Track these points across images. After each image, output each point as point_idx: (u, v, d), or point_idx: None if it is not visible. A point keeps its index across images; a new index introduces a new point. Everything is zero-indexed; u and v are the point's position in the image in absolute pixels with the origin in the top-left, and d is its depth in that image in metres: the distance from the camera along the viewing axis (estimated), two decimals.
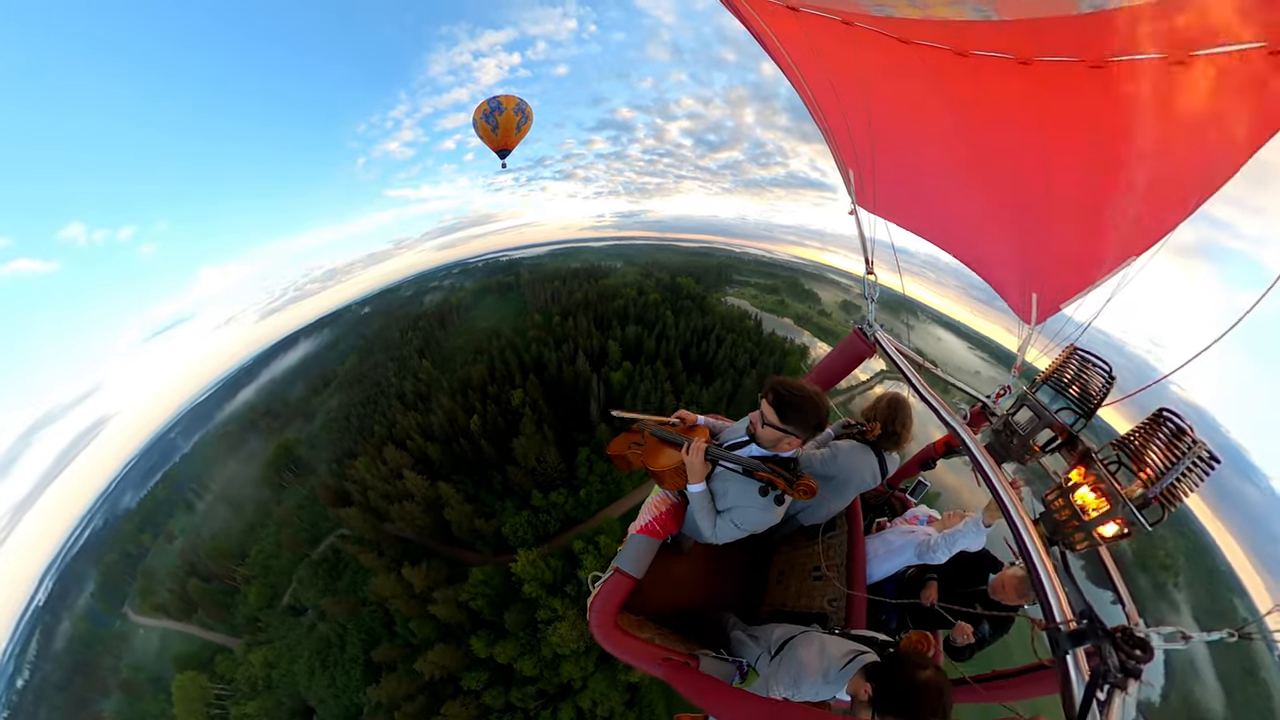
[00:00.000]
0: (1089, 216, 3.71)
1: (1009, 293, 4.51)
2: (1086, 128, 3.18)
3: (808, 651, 3.02)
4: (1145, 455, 2.10)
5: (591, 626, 3.36)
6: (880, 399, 3.96)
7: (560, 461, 61.36)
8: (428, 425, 70.01)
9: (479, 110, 26.96)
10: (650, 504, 3.72)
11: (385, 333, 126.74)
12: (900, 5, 3.20)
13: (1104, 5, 2.12)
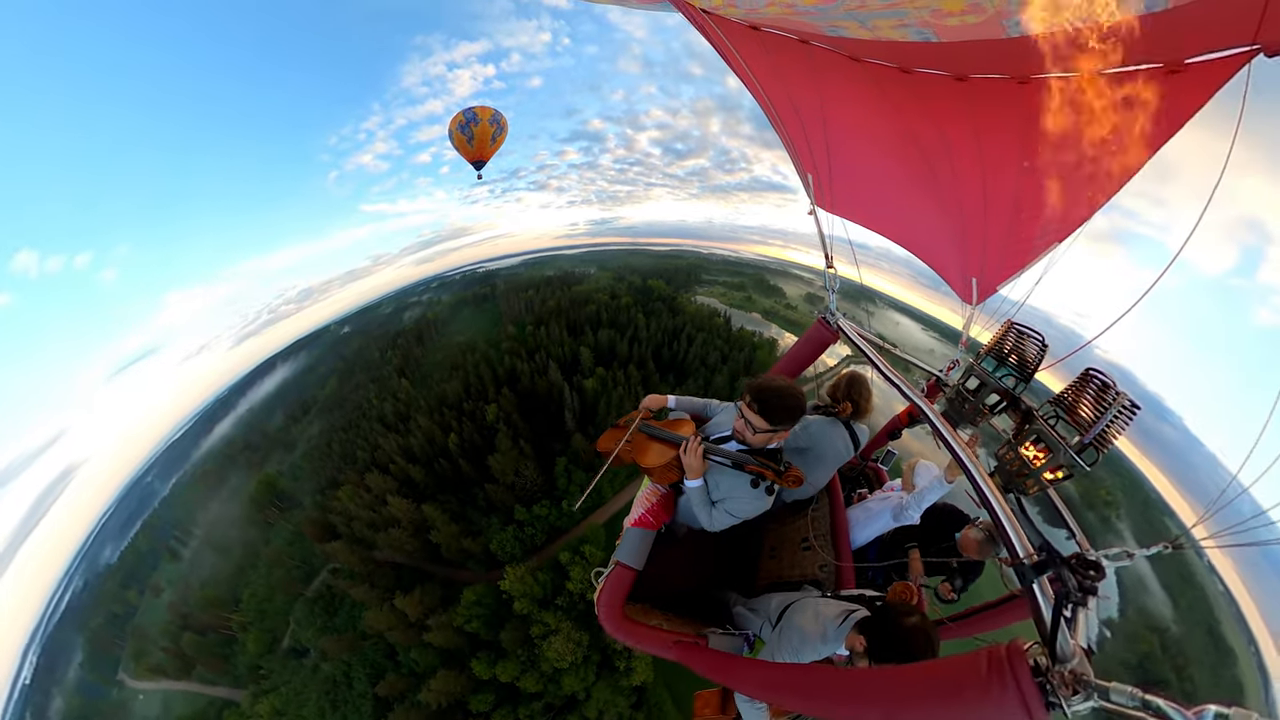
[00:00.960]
0: (1018, 209, 3.90)
1: (952, 278, 4.75)
2: (1015, 134, 3.40)
3: (804, 617, 3.06)
4: (1078, 408, 2.32)
5: (601, 620, 3.31)
6: (840, 379, 4.03)
7: (539, 474, 57.95)
8: (409, 447, 65.11)
9: (454, 121, 25.70)
10: (642, 497, 3.69)
11: (365, 353, 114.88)
12: (852, 27, 3.33)
13: (1029, 30, 2.33)
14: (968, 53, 2.90)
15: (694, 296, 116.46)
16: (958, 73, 3.23)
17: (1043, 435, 2.40)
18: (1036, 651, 1.48)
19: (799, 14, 3.40)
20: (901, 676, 1.88)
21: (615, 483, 55.54)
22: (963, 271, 4.37)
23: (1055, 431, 2.37)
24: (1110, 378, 2.29)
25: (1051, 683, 1.39)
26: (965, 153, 3.98)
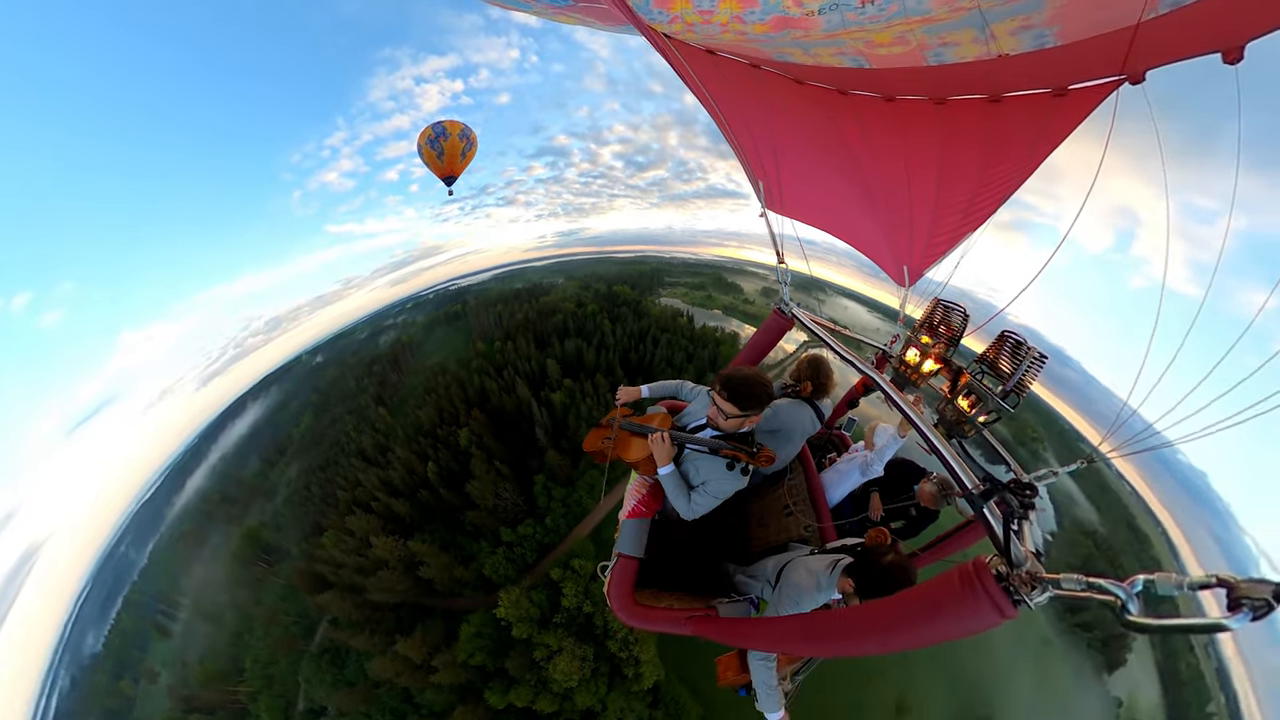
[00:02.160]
0: (938, 206, 4.22)
1: (887, 265, 5.09)
2: (934, 144, 3.74)
3: (799, 573, 3.09)
4: (999, 364, 2.63)
5: (615, 611, 3.27)
6: (802, 361, 4.13)
7: (518, 495, 53.60)
8: (389, 481, 58.74)
9: (423, 135, 23.36)
10: (632, 490, 3.63)
11: (340, 383, 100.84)
12: (796, 54, 3.56)
13: (944, 60, 2.64)
14: (894, 78, 3.21)
15: (658, 299, 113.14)
16: (886, 94, 3.53)
17: (973, 388, 2.69)
18: (996, 562, 1.60)
19: (750, 41, 3.57)
20: (890, 606, 1.93)
21: (596, 492, 52.31)
22: (896, 259, 4.70)
23: (983, 384, 2.67)
24: (1022, 336, 2.61)
25: (1013, 584, 1.52)
26: (892, 161, 4.31)
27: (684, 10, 3.19)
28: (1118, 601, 1.28)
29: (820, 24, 2.75)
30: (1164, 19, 2.08)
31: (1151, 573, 1.28)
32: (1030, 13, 2.26)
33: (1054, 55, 2.41)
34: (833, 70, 3.52)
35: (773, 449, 3.18)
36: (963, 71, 2.70)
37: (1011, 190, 3.70)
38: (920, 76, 2.98)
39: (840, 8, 2.47)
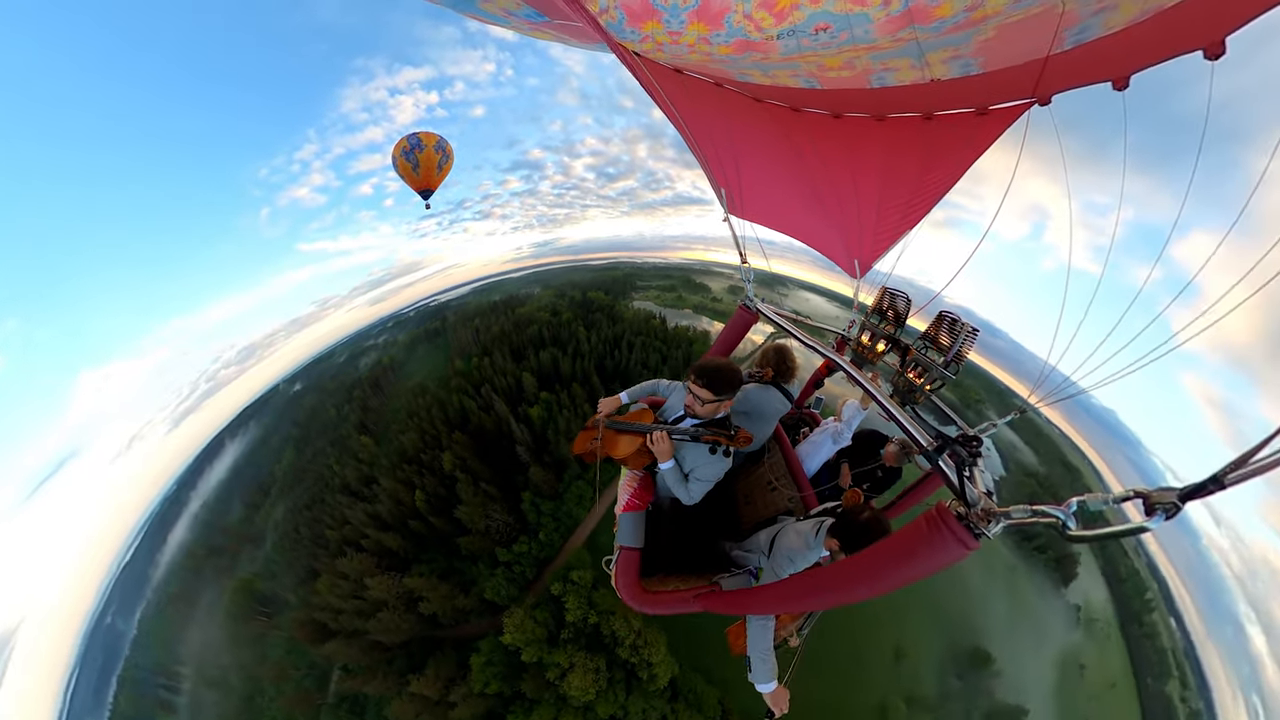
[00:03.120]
0: (881, 208, 4.49)
1: (840, 260, 5.31)
2: (877, 155, 4.00)
3: (789, 539, 3.16)
4: (939, 339, 2.89)
5: (625, 601, 3.24)
6: (767, 350, 4.18)
7: (508, 514, 50.23)
8: (377, 514, 53.61)
9: (398, 147, 21.28)
10: (623, 485, 3.58)
11: (320, 412, 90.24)
12: (756, 74, 3.71)
13: (886, 83, 2.89)
14: (842, 98, 3.45)
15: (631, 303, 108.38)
16: (834, 111, 3.78)
17: (919, 362, 2.95)
18: (955, 505, 1.70)
19: (715, 62, 3.67)
20: (872, 555, 2.01)
21: (585, 503, 50.08)
22: (847, 254, 4.97)
23: (927, 357, 2.93)
24: (957, 315, 2.87)
25: (972, 521, 1.63)
26: (841, 169, 4.54)
27: (654, 30, 3.23)
28: (1059, 522, 1.40)
29: (778, 48, 2.92)
30: (1067, 54, 2.39)
31: (1082, 495, 1.39)
32: (959, 45, 2.53)
33: (978, 81, 2.70)
34: (788, 90, 3.71)
35: (752, 430, 3.24)
36: (901, 93, 2.97)
37: (943, 193, 4.02)
38: (865, 97, 3.25)
39: (797, 34, 2.67)
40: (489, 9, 3.39)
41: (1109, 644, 56.79)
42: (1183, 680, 59.96)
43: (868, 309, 3.77)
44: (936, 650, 47.56)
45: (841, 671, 41.93)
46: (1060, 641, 54.06)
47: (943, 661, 47.36)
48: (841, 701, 41.24)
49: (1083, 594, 59.43)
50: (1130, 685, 54.77)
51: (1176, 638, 64.67)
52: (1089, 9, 2.18)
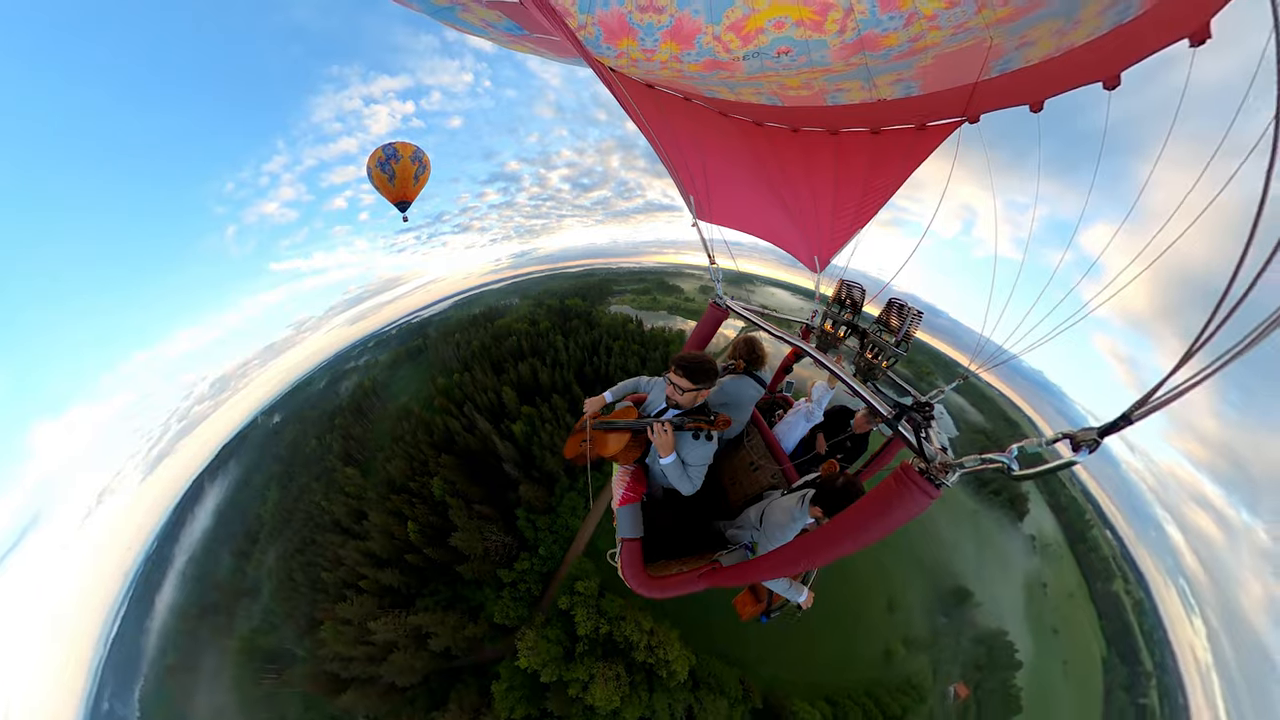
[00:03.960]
0: (835, 209, 4.75)
1: (801, 256, 5.54)
2: (830, 164, 4.22)
3: (777, 513, 3.25)
4: (890, 322, 3.13)
5: (634, 589, 3.24)
6: (738, 342, 4.23)
7: (505, 533, 46.97)
8: (372, 551, 48.66)
9: (373, 158, 19.64)
10: (617, 480, 3.58)
11: (302, 444, 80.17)
12: (723, 91, 3.84)
13: (839, 102, 3.11)
14: (800, 114, 3.65)
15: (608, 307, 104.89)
16: (793, 126, 3.97)
17: (875, 343, 3.18)
18: (917, 463, 1.84)
19: (685, 78, 3.76)
20: (852, 515, 2.14)
21: (578, 513, 47.85)
22: (808, 251, 5.20)
23: (882, 339, 3.16)
24: (905, 300, 3.11)
25: (932, 473, 1.77)
26: (799, 176, 4.77)
27: (629, 47, 3.27)
28: (1004, 466, 1.58)
29: (744, 68, 3.08)
30: (993, 81, 2.68)
31: (1021, 441, 1.56)
32: (902, 70, 2.77)
33: (918, 101, 2.97)
34: (752, 105, 3.89)
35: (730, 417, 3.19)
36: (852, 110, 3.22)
37: (888, 197, 4.35)
38: (820, 113, 3.47)
39: (761, 56, 2.84)
40: (469, 19, 3.29)
41: (1062, 562, 63.32)
42: (1124, 578, 67.25)
43: (828, 299, 3.94)
44: (922, 595, 50.41)
45: (845, 630, 43.69)
46: (1023, 568, 59.59)
47: (929, 604, 50.29)
48: (849, 653, 42.96)
49: (1035, 525, 65.64)
50: (1085, 592, 61.43)
51: (1114, 546, 72.98)
52: (1012, 45, 2.45)
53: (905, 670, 44.31)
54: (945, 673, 46.41)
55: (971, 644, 49.02)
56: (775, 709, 38.81)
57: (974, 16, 2.28)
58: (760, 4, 2.47)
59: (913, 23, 2.38)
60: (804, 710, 38.00)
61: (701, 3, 2.61)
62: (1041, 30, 2.34)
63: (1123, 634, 59.19)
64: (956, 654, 48.01)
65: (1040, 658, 50.55)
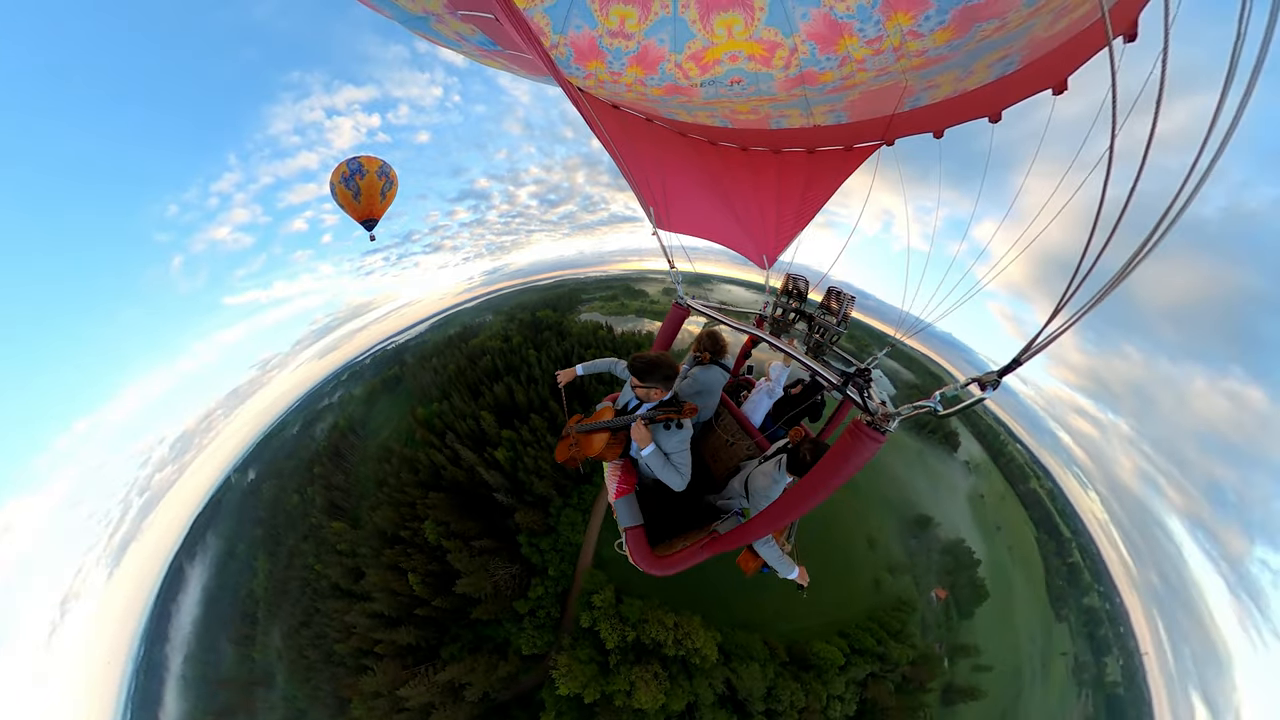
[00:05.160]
0: (779, 214, 5.05)
1: (751, 256, 5.80)
2: (773, 177, 4.51)
3: (759, 480, 3.33)
4: (830, 305, 3.43)
5: (646, 571, 3.25)
6: (701, 336, 4.22)
7: (511, 563, 42.58)
8: (379, 613, 42.54)
9: (337, 173, 17.20)
10: (609, 476, 3.56)
11: (282, 502, 67.52)
12: (681, 113, 4.04)
13: (782, 126, 3.37)
14: (749, 135, 3.90)
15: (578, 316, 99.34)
16: (742, 145, 4.22)
17: (820, 324, 3.46)
18: (864, 418, 2.04)
19: (648, 101, 3.83)
20: (820, 469, 2.32)
21: (578, 528, 44.91)
22: (757, 252, 5.46)
23: (825, 320, 3.45)
24: (841, 287, 3.42)
25: (877, 424, 1.97)
26: (747, 188, 5.05)
27: (598, 69, 3.29)
28: (931, 409, 1.80)
29: (700, 94, 3.25)
30: (906, 113, 3.08)
31: (941, 387, 1.79)
32: (834, 102, 3.09)
33: (846, 127, 3.32)
34: (706, 127, 4.08)
35: (701, 404, 3.41)
36: (792, 133, 3.52)
37: (822, 204, 4.73)
38: (765, 135, 3.74)
39: (716, 84, 3.04)
40: (442, 30, 3.13)
41: (991, 476, 73.12)
42: (1037, 477, 78.88)
43: (777, 291, 4.15)
44: (894, 528, 54.77)
45: (837, 572, 46.14)
46: (963, 487, 67.84)
47: (901, 534, 54.81)
48: (846, 591, 45.62)
49: (966, 452, 74.60)
50: (1011, 493, 71.60)
51: (1024, 454, 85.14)
52: (921, 86, 2.84)
53: (894, 592, 47.85)
54: (925, 584, 50.97)
55: (940, 555, 54.34)
56: (800, 656, 39.80)
57: (894, 64, 2.61)
58: (718, 39, 2.66)
59: (845, 64, 2.67)
60: (824, 649, 39.48)
61: (666, 33, 2.75)
62: (944, 78, 2.73)
63: (1045, 517, 70.02)
64: (930, 566, 52.83)
65: (992, 551, 57.92)
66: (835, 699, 38.18)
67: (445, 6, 2.59)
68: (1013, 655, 50.71)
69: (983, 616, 51.54)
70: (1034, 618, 55.82)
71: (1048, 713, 49.49)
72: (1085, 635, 57.68)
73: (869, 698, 39.94)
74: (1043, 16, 2.29)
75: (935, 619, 49.07)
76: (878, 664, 41.11)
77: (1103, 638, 58.62)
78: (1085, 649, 56.05)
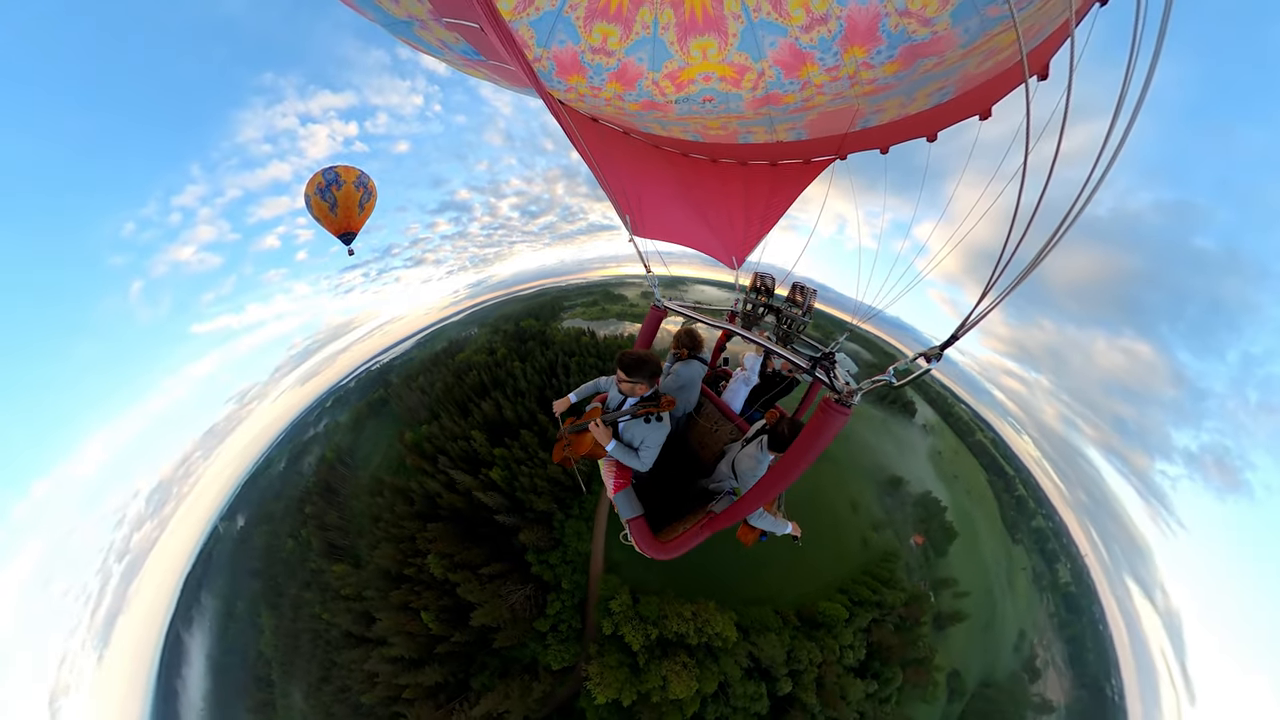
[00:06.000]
0: (746, 219, 5.20)
1: (722, 258, 5.93)
2: (740, 186, 4.66)
3: (744, 461, 3.41)
4: (796, 298, 3.62)
5: (653, 557, 3.29)
6: (679, 334, 4.33)
7: (524, 584, 39.93)
8: (399, 657, 38.78)
9: (313, 184, 15.42)
10: (605, 472, 3.61)
11: (276, 548, 59.32)
12: (655, 127, 4.08)
13: (748, 141, 3.53)
14: (718, 148, 4.02)
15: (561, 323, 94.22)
16: (712, 157, 4.32)
17: (787, 316, 3.65)
18: (831, 395, 2.18)
19: (625, 115, 3.79)
20: (799, 444, 2.43)
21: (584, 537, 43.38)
22: (727, 254, 5.60)
23: (792, 312, 3.63)
24: (804, 282, 3.63)
25: (843, 399, 2.11)
26: (717, 196, 5.14)
27: (578, 83, 3.28)
28: (887, 382, 1.96)
29: (675, 110, 3.34)
30: (857, 133, 3.33)
31: (895, 363, 1.96)
32: (795, 121, 3.27)
33: (805, 143, 3.52)
34: (679, 140, 4.19)
35: (683, 397, 3.51)
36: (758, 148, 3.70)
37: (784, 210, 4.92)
38: (733, 148, 3.88)
39: (689, 101, 3.15)
40: (425, 37, 3.00)
41: (944, 434, 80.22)
42: (980, 430, 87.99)
43: (746, 288, 4.32)
44: (872, 491, 58.40)
45: (829, 538, 48.55)
46: (923, 447, 73.87)
47: (879, 494, 58.56)
48: (838, 552, 48.09)
49: (922, 417, 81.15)
50: (963, 446, 78.78)
51: (968, 412, 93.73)
52: (870, 110, 3.07)
53: (879, 546, 51.16)
54: (904, 534, 55.09)
55: (913, 507, 59.02)
56: (809, 618, 41.21)
57: (848, 90, 2.81)
58: (694, 60, 2.78)
59: (805, 89, 2.84)
60: (829, 607, 41.12)
61: (646, 53, 2.82)
62: (890, 103, 2.97)
63: (992, 462, 78.52)
64: (906, 519, 57.11)
65: (954, 496, 63.93)
66: (846, 649, 40.11)
67: (430, 12, 2.51)
68: (984, 578, 55.94)
69: (955, 552, 56.41)
70: (996, 545, 62.06)
71: (1019, 618, 55.17)
72: (1038, 551, 64.99)
73: (874, 641, 42.27)
74: (974, 56, 2.56)
75: (917, 562, 53.24)
76: (876, 610, 43.48)
77: (1051, 550, 66.23)
78: (1040, 561, 63.33)
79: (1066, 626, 58.00)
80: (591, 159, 4.95)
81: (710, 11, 2.58)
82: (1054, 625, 56.98)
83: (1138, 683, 63.68)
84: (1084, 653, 56.61)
